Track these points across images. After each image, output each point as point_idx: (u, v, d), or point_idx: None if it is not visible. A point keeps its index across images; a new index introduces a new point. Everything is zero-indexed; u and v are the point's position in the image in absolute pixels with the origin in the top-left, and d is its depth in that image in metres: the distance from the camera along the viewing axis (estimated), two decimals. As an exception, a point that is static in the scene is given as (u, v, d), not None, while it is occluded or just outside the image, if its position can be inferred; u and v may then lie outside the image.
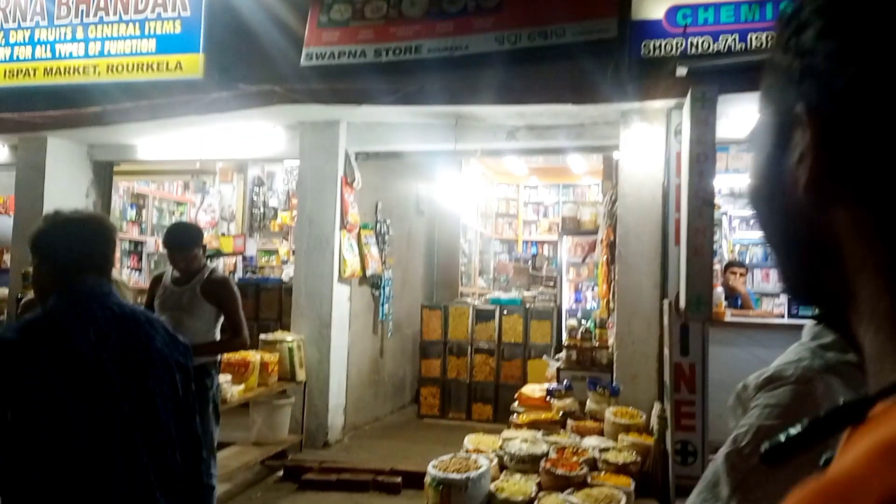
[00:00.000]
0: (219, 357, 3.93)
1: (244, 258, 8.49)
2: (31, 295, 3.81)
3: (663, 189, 4.85)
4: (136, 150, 6.59)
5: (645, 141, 4.94)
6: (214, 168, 8.62)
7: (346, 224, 6.04)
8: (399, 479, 5.04)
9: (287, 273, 7.58)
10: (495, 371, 7.09)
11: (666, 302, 4.50)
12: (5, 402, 1.59)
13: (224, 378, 4.46)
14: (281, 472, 5.24)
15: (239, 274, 8.37)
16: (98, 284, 1.81)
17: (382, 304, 6.82)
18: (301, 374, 5.58)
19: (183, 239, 3.79)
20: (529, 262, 9.07)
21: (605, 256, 5.23)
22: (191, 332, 3.66)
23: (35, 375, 1.60)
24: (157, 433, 1.78)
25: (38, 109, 5.86)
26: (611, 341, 5.13)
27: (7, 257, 7.33)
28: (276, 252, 8.83)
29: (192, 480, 1.89)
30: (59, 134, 6.11)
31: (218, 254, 8.58)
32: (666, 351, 4.43)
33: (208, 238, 8.89)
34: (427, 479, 3.73)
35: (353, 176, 6.09)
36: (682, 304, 4.13)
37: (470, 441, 4.43)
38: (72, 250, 1.80)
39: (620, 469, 3.98)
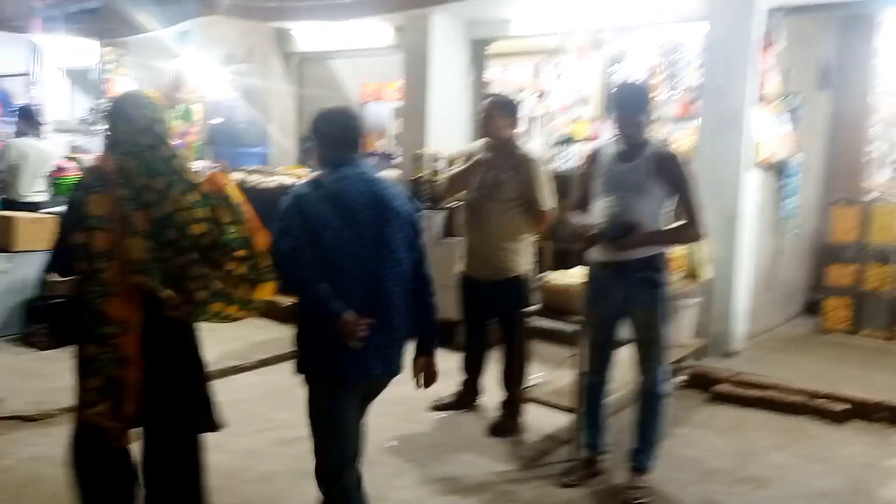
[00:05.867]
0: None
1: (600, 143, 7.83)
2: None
3: None
4: (509, 26, 6.18)
5: None
6: (570, 46, 7.98)
7: (762, 97, 4.98)
8: (844, 407, 4.13)
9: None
10: (940, 285, 5.59)
11: None
12: (301, 228, 2.31)
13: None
14: (685, 379, 4.67)
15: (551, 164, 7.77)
16: (354, 158, 2.46)
17: (787, 197, 5.69)
18: (706, 273, 4.84)
19: (637, 99, 3.14)
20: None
21: None
22: (639, 215, 3.08)
23: (316, 213, 2.33)
24: (397, 266, 2.41)
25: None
26: None
27: (381, 142, 7.67)
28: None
29: (427, 301, 2.56)
30: (443, 10, 5.90)
31: (570, 140, 8.09)
32: None
33: (561, 123, 8.47)
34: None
35: (774, 36, 4.93)
36: None
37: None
38: (337, 134, 2.46)
39: None
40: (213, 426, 2.55)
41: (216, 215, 2.38)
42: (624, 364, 3.37)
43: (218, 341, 5.25)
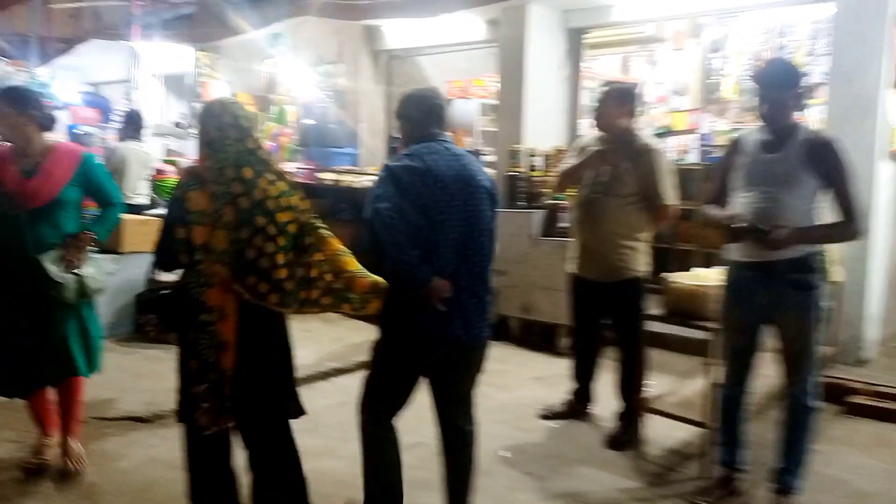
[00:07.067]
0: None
1: (700, 137, 7.43)
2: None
3: None
4: (608, 12, 5.91)
5: None
6: (667, 34, 7.63)
7: (897, 81, 4.54)
8: None
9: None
10: None
11: None
12: (395, 197, 2.43)
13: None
14: (813, 390, 4.30)
15: (693, 156, 7.39)
16: (440, 134, 2.59)
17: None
18: (837, 274, 4.45)
19: (785, 76, 2.83)
20: None
21: None
22: (788, 211, 2.79)
23: (409, 185, 2.44)
24: (481, 236, 2.55)
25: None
26: None
27: (468, 139, 7.51)
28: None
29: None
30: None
31: (667, 132, 7.72)
32: None
33: (658, 114, 8.10)
34: None
35: (914, 13, 4.49)
36: None
37: None
38: (421, 112, 2.60)
39: None
40: (297, 413, 2.63)
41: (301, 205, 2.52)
42: (761, 372, 3.10)
43: (315, 342, 5.27)
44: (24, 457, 3.27)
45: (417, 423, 2.91)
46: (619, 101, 3.71)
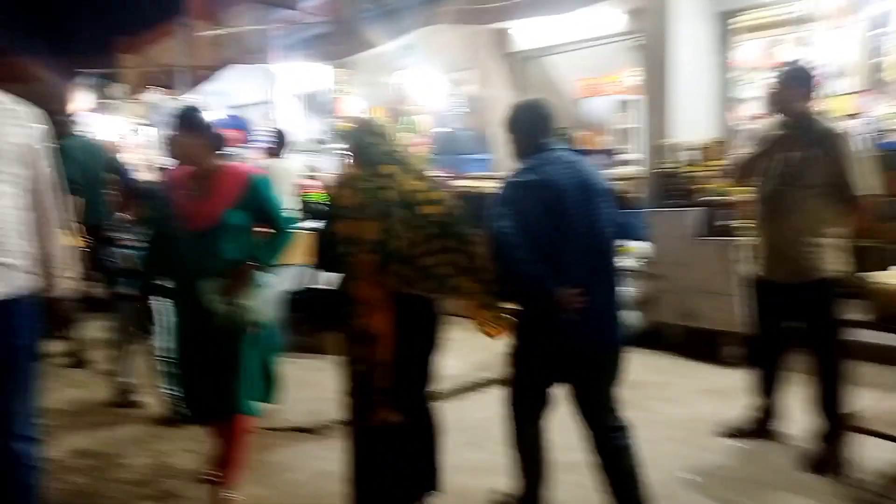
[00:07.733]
0: None
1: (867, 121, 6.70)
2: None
3: None
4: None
5: None
6: (823, 11, 6.97)
7: None
8: None
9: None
10: None
11: None
12: (518, 212, 2.51)
13: None
14: None
15: (859, 143, 6.67)
16: (554, 143, 2.69)
17: None
18: None
19: None
20: None
21: None
22: None
23: (530, 199, 2.52)
24: (604, 240, 2.62)
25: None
26: None
27: (602, 138, 7.20)
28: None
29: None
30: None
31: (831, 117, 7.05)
32: None
33: (818, 99, 7.42)
34: None
35: None
36: None
37: None
38: (529, 123, 2.72)
39: None
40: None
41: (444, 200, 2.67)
42: None
43: (459, 350, 5.15)
44: (199, 468, 3.35)
45: (572, 439, 2.79)
46: (798, 83, 3.41)
